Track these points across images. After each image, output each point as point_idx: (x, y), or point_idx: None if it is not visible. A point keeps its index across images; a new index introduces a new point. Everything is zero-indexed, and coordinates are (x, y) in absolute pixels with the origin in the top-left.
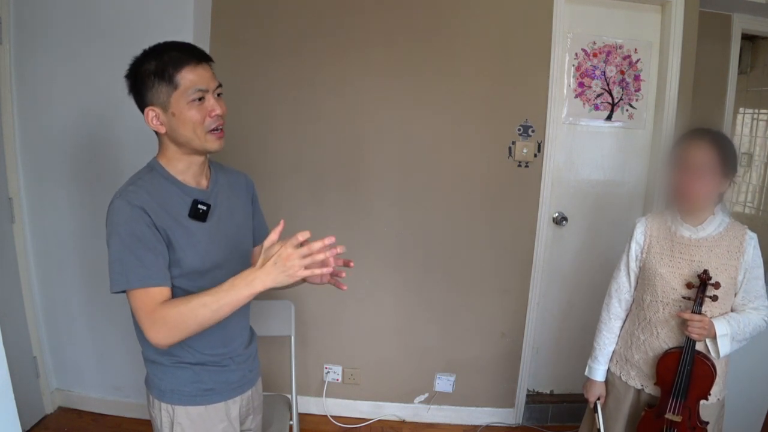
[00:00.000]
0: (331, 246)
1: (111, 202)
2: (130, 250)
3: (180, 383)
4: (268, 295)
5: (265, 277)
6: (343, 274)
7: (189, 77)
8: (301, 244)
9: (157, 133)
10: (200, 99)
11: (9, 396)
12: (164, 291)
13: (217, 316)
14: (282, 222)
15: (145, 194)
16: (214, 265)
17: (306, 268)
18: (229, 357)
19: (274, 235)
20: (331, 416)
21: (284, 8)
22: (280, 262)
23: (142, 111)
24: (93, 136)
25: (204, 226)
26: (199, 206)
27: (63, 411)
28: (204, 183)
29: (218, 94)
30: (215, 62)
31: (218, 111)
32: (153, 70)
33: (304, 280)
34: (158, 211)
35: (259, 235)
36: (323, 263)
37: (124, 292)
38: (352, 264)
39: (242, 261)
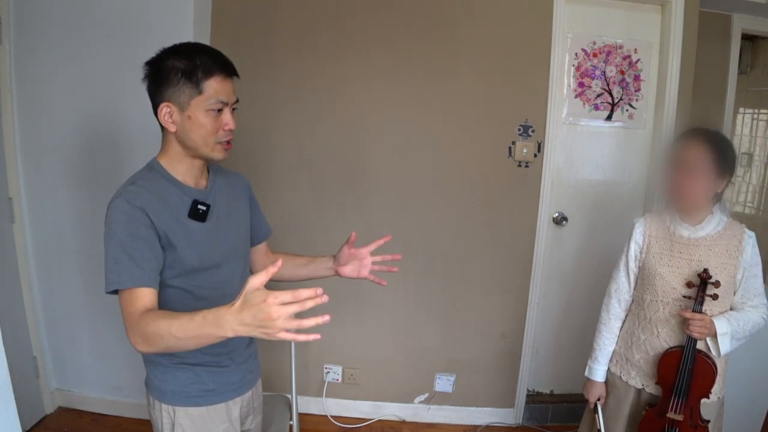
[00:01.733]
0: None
1: (111, 201)
2: (124, 250)
3: (180, 384)
4: None
5: (238, 327)
6: (385, 279)
7: (215, 86)
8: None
9: (163, 129)
10: (219, 110)
11: (9, 396)
12: (151, 293)
13: (185, 346)
14: (280, 262)
15: (146, 193)
16: (212, 264)
17: (288, 330)
18: (229, 357)
19: (263, 277)
20: (331, 416)
21: (284, 9)
22: (261, 317)
23: (155, 103)
24: (93, 136)
25: (203, 226)
26: (199, 206)
27: (63, 411)
28: (203, 183)
29: (233, 109)
30: None
31: (231, 125)
32: (182, 69)
33: None
34: (159, 210)
35: (259, 233)
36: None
37: (116, 292)
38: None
39: (240, 261)
